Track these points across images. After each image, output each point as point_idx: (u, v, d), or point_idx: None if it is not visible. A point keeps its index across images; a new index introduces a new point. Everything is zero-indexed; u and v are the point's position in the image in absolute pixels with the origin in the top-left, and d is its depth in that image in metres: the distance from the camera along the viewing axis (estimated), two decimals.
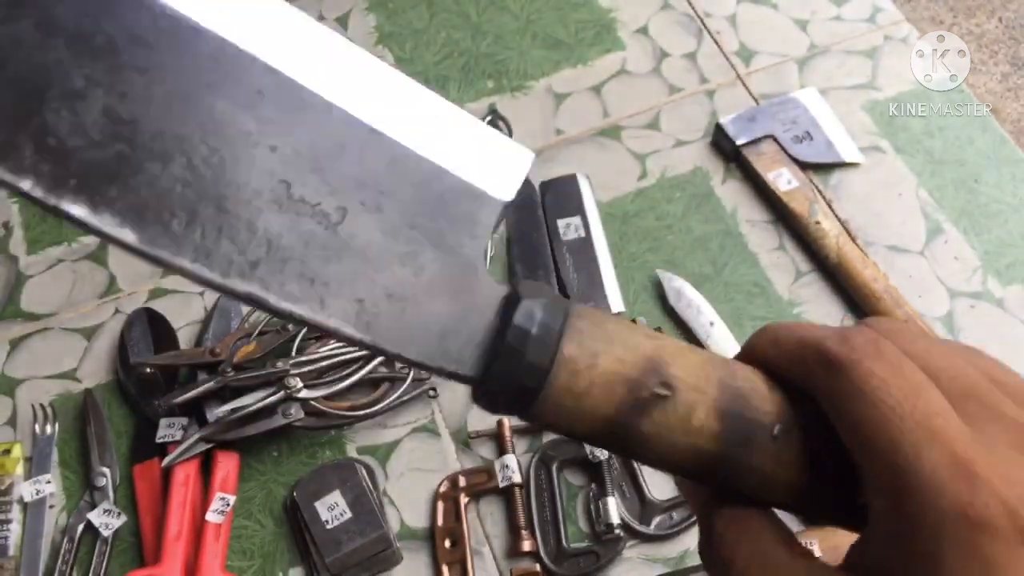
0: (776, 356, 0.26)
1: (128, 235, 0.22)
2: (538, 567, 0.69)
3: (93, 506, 0.73)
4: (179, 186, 0.22)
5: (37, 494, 0.75)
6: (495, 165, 0.27)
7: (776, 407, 0.25)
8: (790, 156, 0.86)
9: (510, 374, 0.25)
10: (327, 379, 0.74)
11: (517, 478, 0.72)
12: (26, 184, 0.22)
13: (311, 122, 0.24)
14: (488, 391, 0.25)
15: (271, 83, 0.23)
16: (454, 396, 0.78)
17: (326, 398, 0.73)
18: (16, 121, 0.21)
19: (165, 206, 0.22)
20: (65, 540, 0.72)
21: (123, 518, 0.73)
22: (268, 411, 0.72)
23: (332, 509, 0.69)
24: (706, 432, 0.25)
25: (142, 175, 0.22)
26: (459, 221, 0.25)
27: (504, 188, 0.27)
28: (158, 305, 0.83)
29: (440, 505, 0.72)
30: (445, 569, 0.70)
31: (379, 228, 0.24)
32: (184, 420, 0.75)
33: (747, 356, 0.27)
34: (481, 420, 0.77)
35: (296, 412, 0.72)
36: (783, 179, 0.85)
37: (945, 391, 0.22)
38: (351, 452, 0.76)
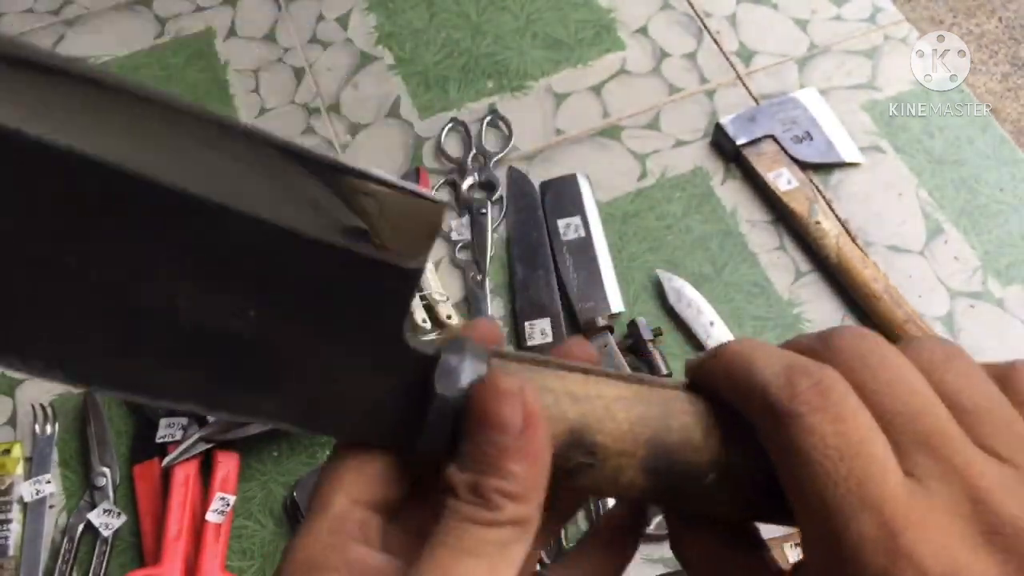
0: (726, 390, 0.25)
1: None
2: (538, 567, 0.69)
3: (93, 506, 0.73)
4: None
5: (37, 494, 0.75)
6: (401, 230, 0.24)
7: (711, 455, 0.25)
8: (790, 156, 0.86)
9: (437, 445, 0.25)
10: None
11: None
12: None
13: (199, 229, 0.23)
14: (423, 456, 0.26)
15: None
16: None
17: None
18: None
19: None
20: (65, 540, 0.72)
21: (123, 518, 0.73)
22: None
23: None
24: (636, 488, 0.26)
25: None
26: (368, 298, 0.25)
27: (413, 258, 0.24)
28: None
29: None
30: None
31: (287, 323, 0.24)
32: (184, 420, 0.75)
33: (699, 381, 0.27)
34: None
35: None
36: (783, 179, 0.85)
37: (896, 439, 0.22)
38: None
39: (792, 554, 0.63)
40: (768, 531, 0.28)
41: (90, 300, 0.22)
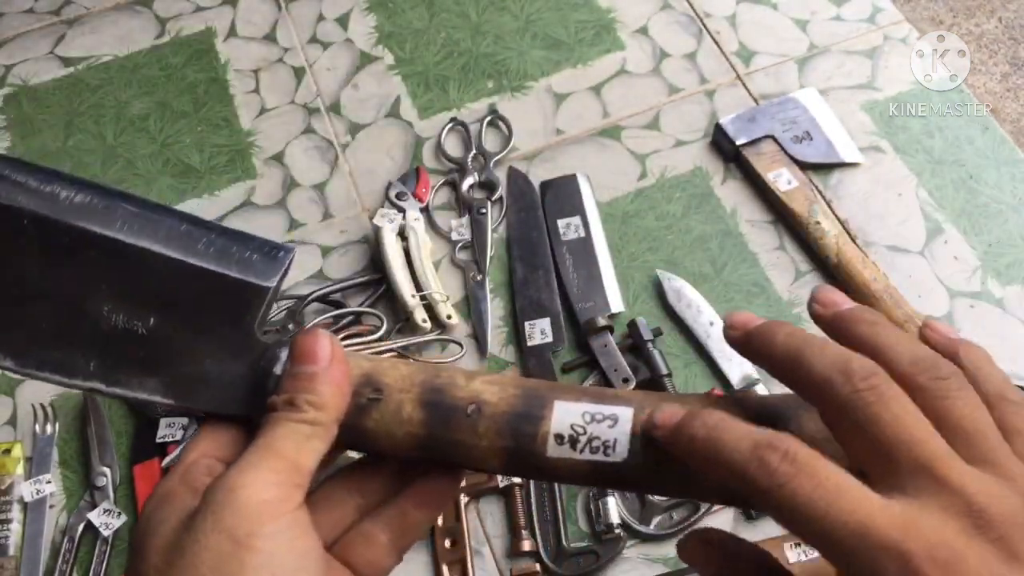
0: (708, 470, 0.28)
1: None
2: (538, 567, 0.69)
3: (93, 506, 0.73)
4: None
5: (37, 494, 0.75)
6: (259, 260, 0.35)
7: (470, 394, 0.33)
8: (790, 156, 0.86)
9: (265, 403, 0.33)
10: None
11: (517, 478, 0.72)
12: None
13: (119, 261, 0.34)
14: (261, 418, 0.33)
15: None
16: None
17: None
18: None
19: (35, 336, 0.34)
20: (65, 540, 0.72)
21: (123, 518, 0.73)
22: None
23: None
24: (415, 420, 0.33)
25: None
26: (236, 306, 0.34)
27: (266, 275, 0.35)
28: None
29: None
30: (445, 569, 0.70)
31: (174, 327, 0.34)
32: (184, 420, 0.75)
33: (681, 447, 0.29)
34: None
35: None
36: (783, 179, 0.85)
37: (895, 467, 0.26)
38: (351, 452, 0.75)
39: (792, 554, 0.63)
40: (768, 531, 0.28)
41: (48, 308, 0.34)
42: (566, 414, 0.32)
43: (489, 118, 0.93)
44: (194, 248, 0.34)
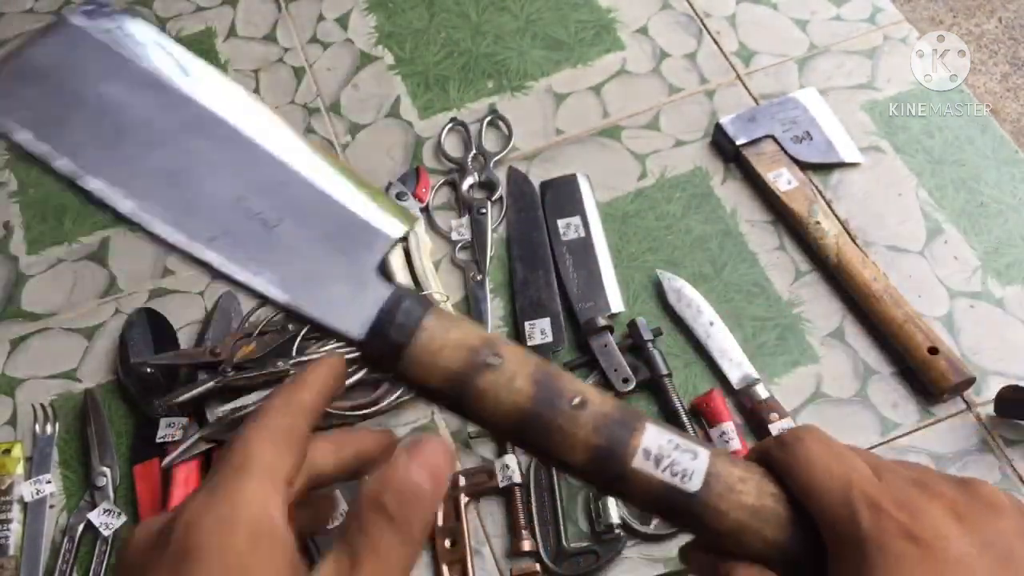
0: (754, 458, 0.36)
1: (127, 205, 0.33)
2: (538, 567, 0.69)
3: (93, 506, 0.73)
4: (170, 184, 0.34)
5: (37, 494, 0.75)
6: (389, 215, 0.37)
7: (576, 388, 0.35)
8: (790, 156, 0.86)
9: (385, 334, 0.34)
10: None
11: (517, 478, 0.72)
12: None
13: (265, 166, 0.36)
14: (370, 348, 0.34)
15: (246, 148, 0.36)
16: None
17: None
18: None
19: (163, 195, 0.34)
20: (65, 540, 0.72)
21: (123, 518, 0.73)
22: None
23: None
24: (524, 392, 0.34)
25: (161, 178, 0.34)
26: (361, 243, 0.36)
27: (394, 230, 0.37)
28: (158, 305, 0.83)
29: (440, 505, 0.72)
30: (445, 569, 0.70)
31: (303, 236, 0.35)
32: (184, 420, 0.75)
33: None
34: None
35: None
36: (783, 179, 0.85)
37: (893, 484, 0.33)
38: None
39: None
40: None
41: (185, 171, 0.35)
42: (656, 435, 0.35)
43: (489, 118, 0.93)
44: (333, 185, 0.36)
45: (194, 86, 0.35)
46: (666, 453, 0.34)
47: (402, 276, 0.80)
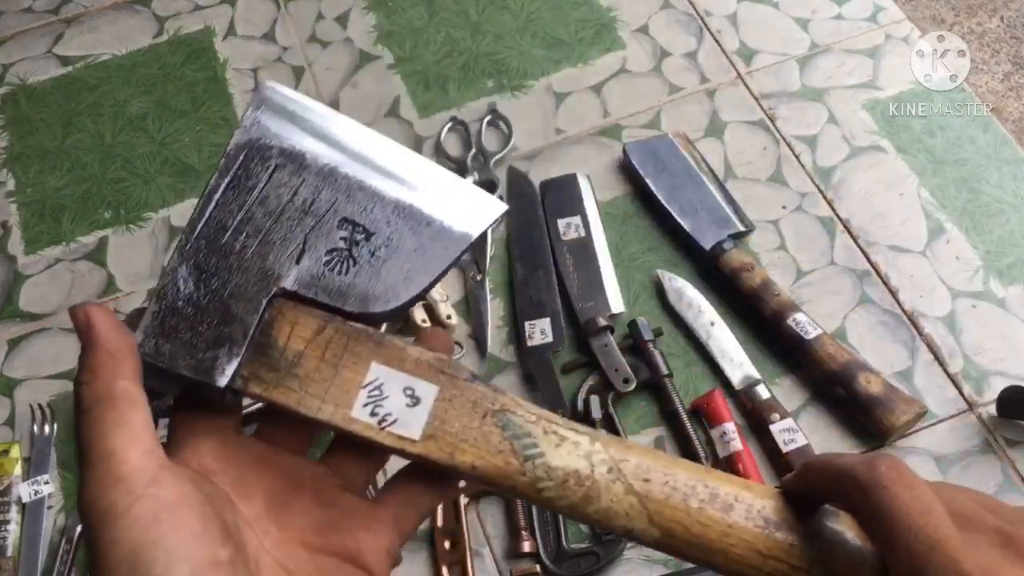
0: (821, 482, 0.34)
1: None
2: (538, 568, 0.69)
3: None
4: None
5: (35, 494, 0.74)
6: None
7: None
8: None
9: None
10: None
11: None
12: None
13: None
14: None
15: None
16: None
17: None
18: None
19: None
20: (63, 540, 0.72)
21: None
22: None
23: None
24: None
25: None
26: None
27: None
28: None
29: (440, 506, 0.72)
30: (445, 570, 0.70)
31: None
32: None
33: (800, 483, 0.35)
34: None
35: None
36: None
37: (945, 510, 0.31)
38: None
39: None
40: None
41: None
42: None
43: (489, 117, 0.93)
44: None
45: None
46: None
47: None
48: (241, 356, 0.35)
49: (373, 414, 0.35)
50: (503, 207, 0.40)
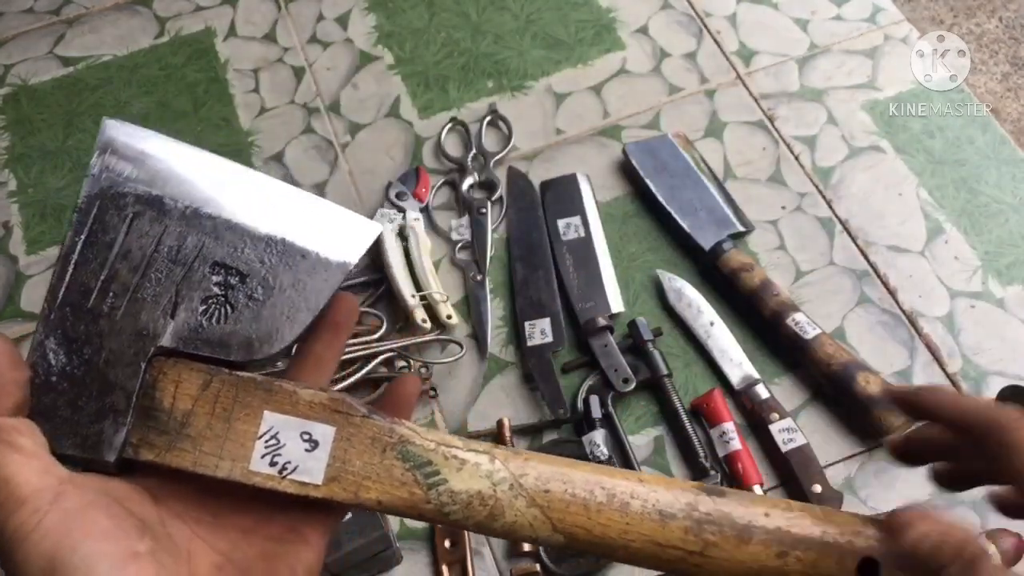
0: (950, 413, 0.39)
1: None
2: (538, 567, 0.69)
3: None
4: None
5: None
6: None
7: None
8: None
9: None
10: None
11: None
12: None
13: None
14: None
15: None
16: (454, 396, 0.78)
17: None
18: None
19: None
20: None
21: None
22: None
23: None
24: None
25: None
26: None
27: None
28: None
29: None
30: (445, 569, 0.70)
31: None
32: None
33: (925, 404, 0.40)
34: (481, 420, 0.76)
35: None
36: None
37: None
38: None
39: None
40: None
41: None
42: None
43: (489, 118, 0.93)
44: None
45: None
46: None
47: (402, 276, 0.80)
48: (128, 425, 0.33)
49: (272, 464, 0.34)
50: (378, 228, 0.38)
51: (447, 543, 0.71)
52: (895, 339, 0.78)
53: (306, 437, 0.35)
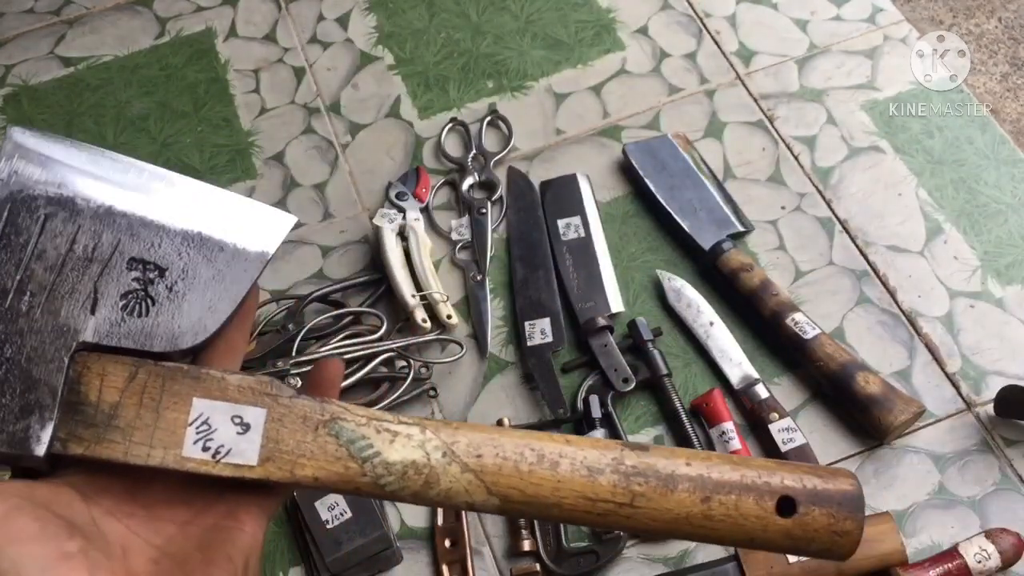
0: None
1: None
2: (538, 567, 0.70)
3: None
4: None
5: None
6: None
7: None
8: None
9: None
10: None
11: None
12: None
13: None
14: None
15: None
16: (454, 396, 0.78)
17: None
18: None
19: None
20: None
21: None
22: None
23: (332, 509, 0.70)
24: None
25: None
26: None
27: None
28: None
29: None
30: (445, 569, 0.70)
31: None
32: None
33: None
34: (481, 420, 0.77)
35: None
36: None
37: None
38: None
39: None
40: None
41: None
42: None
43: (489, 118, 0.93)
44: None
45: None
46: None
47: (402, 276, 0.80)
48: (54, 420, 0.34)
49: (205, 448, 0.35)
50: (292, 219, 0.39)
51: (447, 543, 0.71)
52: (894, 339, 0.78)
53: (237, 420, 0.35)
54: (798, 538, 0.37)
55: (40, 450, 0.34)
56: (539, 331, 0.79)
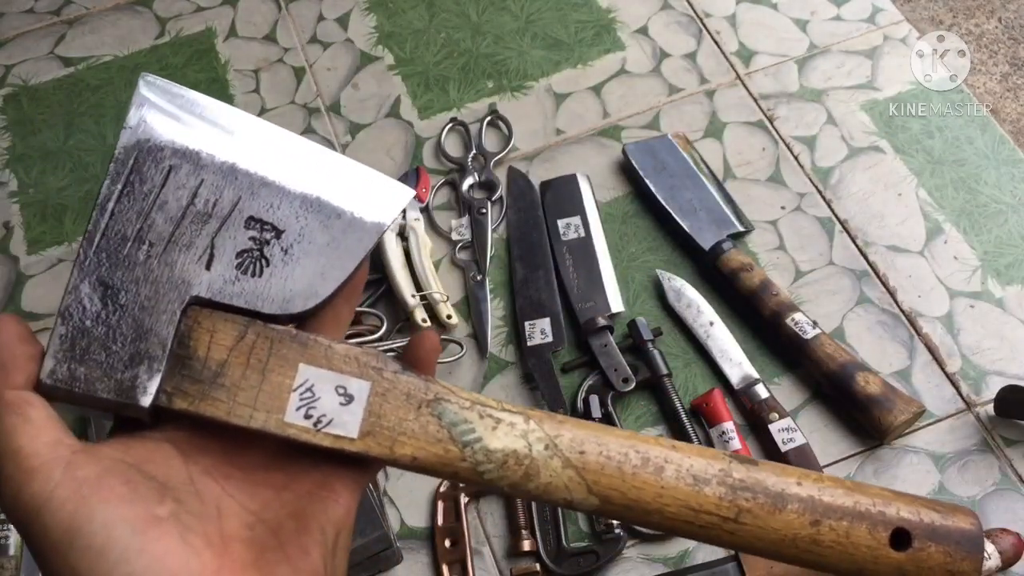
0: None
1: None
2: (538, 567, 0.70)
3: None
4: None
5: None
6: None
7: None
8: None
9: None
10: None
11: None
12: None
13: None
14: None
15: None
16: None
17: None
18: None
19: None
20: None
21: None
22: None
23: None
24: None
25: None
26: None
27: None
28: None
29: (440, 505, 0.72)
30: (445, 569, 0.70)
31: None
32: None
33: None
34: None
35: None
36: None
37: None
38: None
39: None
40: None
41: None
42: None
43: (489, 118, 0.93)
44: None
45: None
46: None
47: (402, 276, 0.80)
48: (162, 371, 0.34)
49: (307, 416, 0.34)
50: (411, 192, 0.39)
51: (447, 543, 0.71)
52: (894, 339, 0.78)
53: (341, 391, 0.35)
54: (910, 574, 0.35)
55: (146, 401, 0.33)
56: (539, 331, 0.79)
